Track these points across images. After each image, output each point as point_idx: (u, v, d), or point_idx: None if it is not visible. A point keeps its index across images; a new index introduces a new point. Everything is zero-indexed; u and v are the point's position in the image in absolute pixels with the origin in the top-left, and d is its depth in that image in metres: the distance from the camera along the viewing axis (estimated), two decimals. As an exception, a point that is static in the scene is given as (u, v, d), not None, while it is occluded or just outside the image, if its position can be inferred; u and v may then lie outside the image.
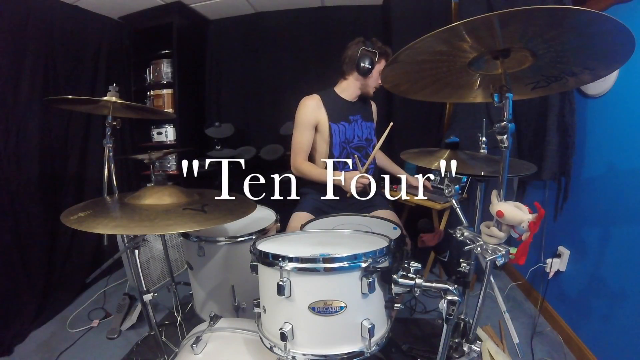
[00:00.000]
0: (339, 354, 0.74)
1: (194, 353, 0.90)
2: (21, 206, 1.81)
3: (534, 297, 1.88)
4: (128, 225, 0.82)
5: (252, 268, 0.85)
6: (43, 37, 1.93)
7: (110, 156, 1.39)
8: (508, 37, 0.68)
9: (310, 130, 1.52)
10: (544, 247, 1.79)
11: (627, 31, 0.60)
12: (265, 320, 0.83)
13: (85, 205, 0.95)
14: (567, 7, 0.56)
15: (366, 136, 1.59)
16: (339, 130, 1.53)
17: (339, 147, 1.53)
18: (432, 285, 0.78)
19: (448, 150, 1.10)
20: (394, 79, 0.93)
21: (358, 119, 1.58)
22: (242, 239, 1.29)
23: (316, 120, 1.52)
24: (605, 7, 1.36)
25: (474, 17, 0.60)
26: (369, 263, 0.74)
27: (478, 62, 0.80)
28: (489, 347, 1.40)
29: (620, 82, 1.34)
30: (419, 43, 0.69)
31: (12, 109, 1.78)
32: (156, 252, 2.13)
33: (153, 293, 1.08)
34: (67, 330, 1.73)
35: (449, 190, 1.00)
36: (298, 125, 1.53)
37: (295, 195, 1.68)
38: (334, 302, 0.73)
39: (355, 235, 1.00)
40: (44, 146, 1.95)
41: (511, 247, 0.77)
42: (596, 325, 1.42)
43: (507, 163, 0.77)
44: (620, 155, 1.35)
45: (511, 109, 0.73)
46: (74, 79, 2.13)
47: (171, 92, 2.52)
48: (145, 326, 1.72)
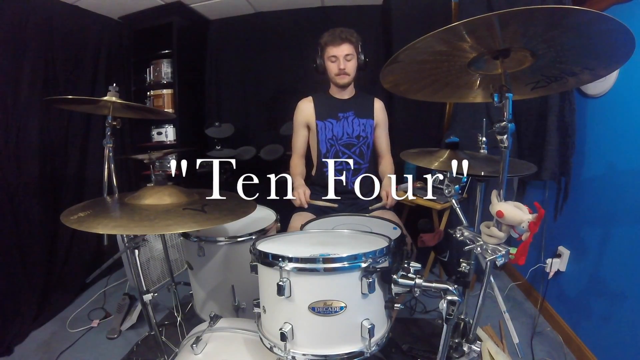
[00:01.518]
0: (339, 354, 0.74)
1: (194, 353, 0.90)
2: (21, 206, 1.81)
3: (534, 297, 1.88)
4: (128, 225, 0.82)
5: (252, 268, 0.85)
6: (43, 37, 1.93)
7: (110, 156, 1.38)
8: (508, 37, 0.68)
9: (302, 130, 1.62)
10: (544, 247, 1.79)
11: (627, 31, 0.60)
12: (265, 321, 0.83)
13: (85, 205, 0.95)
14: (567, 7, 0.56)
15: (357, 133, 1.57)
16: (325, 127, 1.56)
17: (326, 143, 1.57)
18: (432, 285, 0.78)
19: (448, 150, 1.10)
20: (393, 79, 0.93)
21: (349, 116, 1.57)
22: (242, 239, 1.29)
23: (306, 121, 1.60)
24: (605, 7, 1.36)
25: (474, 17, 0.60)
26: (369, 263, 0.74)
27: (478, 62, 0.80)
28: (489, 347, 1.40)
29: (620, 82, 1.34)
30: (418, 43, 0.69)
31: (12, 109, 1.78)
32: (156, 252, 2.13)
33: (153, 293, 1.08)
34: (67, 330, 1.73)
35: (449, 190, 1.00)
36: (293, 126, 1.65)
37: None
38: (334, 302, 0.73)
39: (355, 235, 1.00)
40: (44, 146, 1.95)
41: (511, 247, 0.77)
42: (596, 325, 1.42)
43: (507, 163, 0.77)
44: (620, 155, 1.35)
45: (511, 109, 0.73)
46: (74, 79, 2.13)
47: (171, 92, 2.52)
48: (145, 326, 1.72)
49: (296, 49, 2.60)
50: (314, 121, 1.57)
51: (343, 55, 1.48)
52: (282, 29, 2.61)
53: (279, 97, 2.71)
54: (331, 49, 1.48)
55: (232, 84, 2.81)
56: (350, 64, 1.51)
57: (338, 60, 1.49)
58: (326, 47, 1.50)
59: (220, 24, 2.75)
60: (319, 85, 1.66)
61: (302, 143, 1.64)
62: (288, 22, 2.60)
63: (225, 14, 2.66)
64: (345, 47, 1.47)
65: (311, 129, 1.61)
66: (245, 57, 2.73)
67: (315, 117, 1.57)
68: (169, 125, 2.59)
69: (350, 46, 1.48)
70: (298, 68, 2.61)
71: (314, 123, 1.57)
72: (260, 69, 2.73)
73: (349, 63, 1.50)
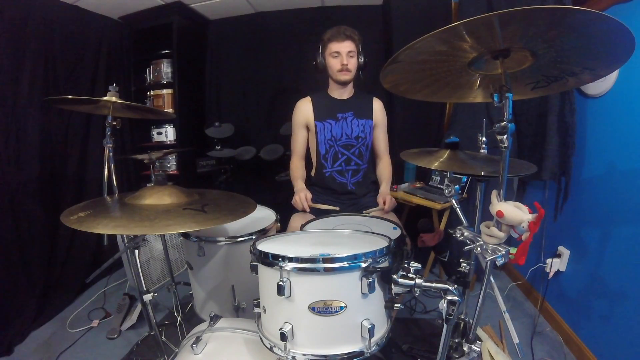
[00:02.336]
0: (339, 354, 0.74)
1: (194, 353, 0.90)
2: (21, 206, 1.81)
3: (534, 297, 1.88)
4: (128, 225, 0.82)
5: (252, 268, 0.85)
6: (43, 37, 1.93)
7: (110, 156, 1.38)
8: (508, 37, 0.68)
9: (301, 131, 1.61)
10: (544, 247, 1.79)
11: (627, 31, 0.60)
12: (265, 320, 0.83)
13: (85, 205, 0.95)
14: (567, 7, 0.56)
15: (357, 134, 1.56)
16: (324, 128, 1.55)
17: (325, 144, 1.57)
18: (432, 285, 0.78)
19: (448, 150, 1.10)
20: (393, 79, 0.93)
21: (348, 116, 1.57)
22: (242, 239, 1.29)
23: (306, 121, 1.59)
24: (605, 7, 1.36)
25: (474, 17, 0.59)
26: (369, 263, 0.74)
27: (478, 62, 0.80)
28: (489, 347, 1.40)
29: (620, 82, 1.34)
30: (418, 43, 0.69)
31: (12, 109, 1.78)
32: (156, 252, 2.13)
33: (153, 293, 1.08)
34: (67, 330, 1.73)
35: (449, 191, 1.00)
36: (292, 126, 1.64)
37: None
38: (334, 302, 0.73)
39: (355, 235, 1.00)
40: (44, 146, 1.95)
41: (511, 247, 0.77)
42: (596, 325, 1.42)
43: (507, 163, 0.77)
44: (620, 155, 1.35)
45: (511, 109, 0.73)
46: (74, 79, 2.13)
47: (171, 92, 2.52)
48: (145, 326, 1.72)
49: (296, 49, 2.60)
50: (312, 122, 1.57)
51: (346, 52, 1.48)
52: (282, 29, 2.61)
53: (279, 97, 2.71)
54: (334, 44, 1.48)
55: (232, 84, 2.81)
56: (353, 61, 1.51)
57: (340, 56, 1.48)
58: (329, 43, 1.49)
59: (220, 24, 2.74)
60: (319, 84, 1.65)
61: (302, 144, 1.62)
62: (288, 22, 2.60)
63: (225, 14, 2.66)
64: (348, 44, 1.48)
65: (310, 129, 1.60)
66: (245, 57, 2.73)
67: (314, 118, 1.56)
68: (169, 125, 2.59)
69: (352, 44, 1.48)
70: (298, 68, 2.61)
71: (313, 124, 1.57)
72: (260, 69, 2.73)
73: (352, 60, 1.50)
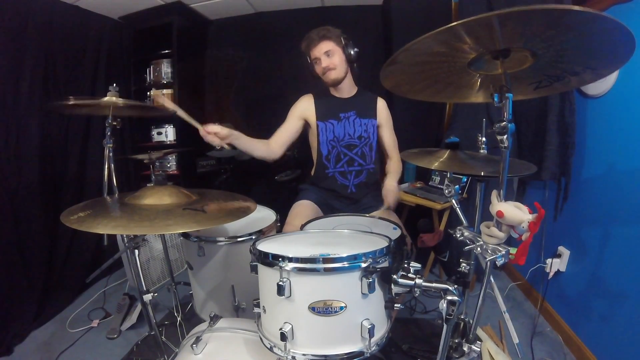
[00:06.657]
0: (339, 354, 0.74)
1: (194, 353, 0.90)
2: (21, 206, 1.80)
3: (534, 297, 1.88)
4: (128, 225, 0.82)
5: (252, 268, 0.85)
6: (43, 37, 1.93)
7: (110, 156, 1.38)
8: (507, 37, 0.67)
9: (292, 120, 1.57)
10: (544, 247, 1.79)
11: (627, 31, 0.60)
12: (265, 321, 0.83)
13: (85, 205, 0.94)
14: (566, 7, 0.56)
15: (359, 134, 1.55)
16: (326, 128, 1.54)
17: (328, 145, 1.55)
18: (432, 285, 0.78)
19: (448, 150, 1.10)
20: (394, 80, 0.93)
21: (351, 115, 1.55)
22: (242, 239, 1.29)
23: (304, 116, 1.57)
24: (605, 7, 1.36)
25: (472, 17, 0.59)
26: (369, 263, 0.74)
27: (478, 62, 0.80)
28: (489, 347, 1.40)
29: (620, 82, 1.34)
30: (416, 44, 0.69)
31: (12, 109, 1.78)
32: (156, 252, 2.13)
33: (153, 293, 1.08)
34: (67, 330, 1.73)
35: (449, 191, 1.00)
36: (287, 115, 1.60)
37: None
38: (334, 302, 0.73)
39: (355, 235, 1.00)
40: (44, 146, 1.95)
41: (511, 247, 0.77)
42: (596, 325, 1.42)
43: (507, 163, 0.77)
44: (620, 155, 1.35)
45: (511, 109, 0.73)
46: (74, 79, 2.13)
47: (171, 92, 2.52)
48: (145, 326, 1.72)
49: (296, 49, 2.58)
50: (314, 121, 1.55)
51: (323, 53, 1.47)
52: (282, 29, 2.61)
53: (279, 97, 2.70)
54: (312, 51, 1.49)
55: (232, 84, 2.81)
56: (334, 59, 1.47)
57: (319, 59, 1.48)
58: (308, 52, 1.51)
59: (220, 24, 2.74)
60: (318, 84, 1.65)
61: (286, 130, 1.54)
62: (288, 22, 2.59)
63: (225, 14, 2.66)
64: (323, 45, 1.46)
65: (311, 128, 1.59)
66: (245, 57, 2.73)
67: (317, 118, 1.55)
68: (169, 125, 2.59)
69: (328, 42, 1.46)
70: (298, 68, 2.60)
71: (315, 123, 1.55)
72: (260, 69, 2.72)
73: (332, 58, 1.48)
